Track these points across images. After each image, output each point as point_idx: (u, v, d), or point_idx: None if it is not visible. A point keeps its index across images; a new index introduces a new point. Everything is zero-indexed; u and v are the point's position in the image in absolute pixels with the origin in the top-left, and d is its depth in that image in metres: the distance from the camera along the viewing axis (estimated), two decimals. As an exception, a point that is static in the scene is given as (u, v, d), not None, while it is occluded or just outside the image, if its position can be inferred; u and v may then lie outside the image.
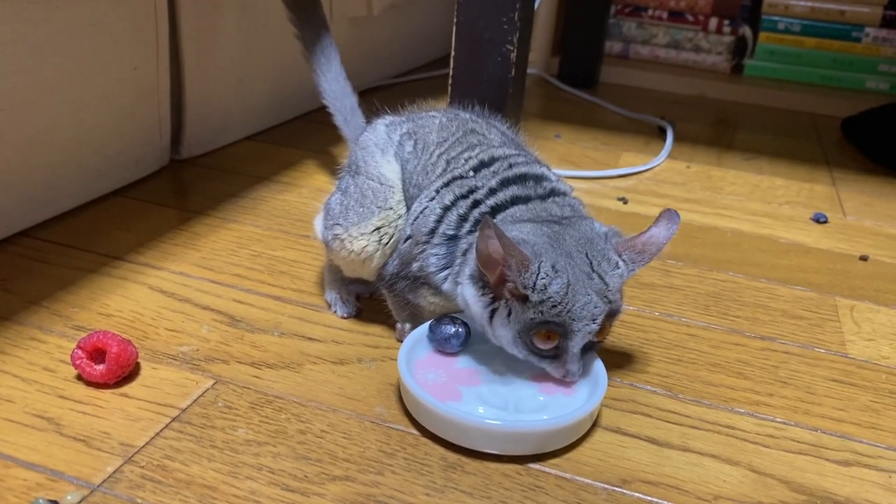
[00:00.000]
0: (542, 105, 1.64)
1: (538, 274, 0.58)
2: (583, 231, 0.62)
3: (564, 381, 0.63)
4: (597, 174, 1.22)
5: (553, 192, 0.68)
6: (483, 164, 0.69)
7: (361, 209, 0.71)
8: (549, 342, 0.60)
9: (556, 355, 0.61)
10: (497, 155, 0.70)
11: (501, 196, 0.66)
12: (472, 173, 0.68)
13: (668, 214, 0.63)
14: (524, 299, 0.59)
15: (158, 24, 1.01)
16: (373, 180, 0.72)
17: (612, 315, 0.61)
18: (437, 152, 0.71)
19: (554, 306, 0.58)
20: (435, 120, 0.75)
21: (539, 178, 0.68)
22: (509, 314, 0.60)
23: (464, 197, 0.67)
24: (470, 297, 0.63)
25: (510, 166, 0.69)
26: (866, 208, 1.17)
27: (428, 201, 0.68)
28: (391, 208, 0.71)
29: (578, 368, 0.61)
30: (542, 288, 0.58)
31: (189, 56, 1.08)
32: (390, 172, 0.72)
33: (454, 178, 0.68)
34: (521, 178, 0.68)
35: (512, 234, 0.61)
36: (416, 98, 1.51)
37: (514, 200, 0.66)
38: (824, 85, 1.83)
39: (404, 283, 0.70)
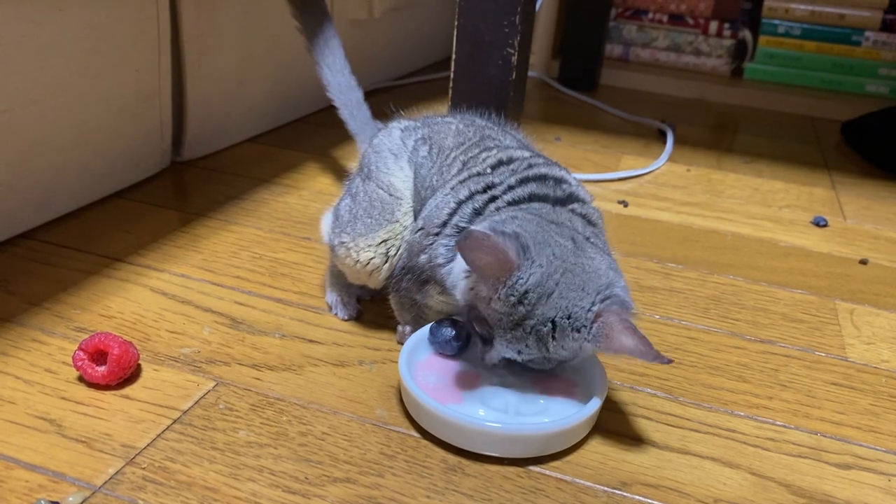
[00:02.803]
0: (542, 108, 1.64)
1: (513, 286, 0.57)
2: (588, 271, 0.59)
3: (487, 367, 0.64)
4: (597, 177, 1.22)
5: (572, 197, 0.67)
6: (501, 163, 0.68)
7: (369, 220, 0.71)
8: (482, 327, 0.61)
9: (486, 341, 0.62)
10: (515, 156, 0.69)
11: (519, 192, 0.65)
12: (489, 170, 0.68)
13: (660, 358, 0.57)
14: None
15: (160, 27, 1.01)
16: (382, 189, 0.72)
17: (549, 360, 0.60)
18: (453, 154, 0.71)
19: (500, 319, 0.58)
20: (451, 125, 0.75)
21: (559, 181, 0.67)
22: (472, 288, 0.61)
23: (480, 192, 0.66)
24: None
25: (529, 166, 0.68)
26: (866, 212, 1.18)
27: (443, 196, 0.67)
28: (397, 221, 0.71)
29: (496, 363, 0.62)
30: (506, 297, 0.57)
31: (190, 58, 1.08)
32: (400, 182, 0.72)
33: (471, 176, 0.68)
34: (541, 178, 0.67)
35: (532, 232, 0.60)
36: (417, 101, 1.52)
37: (532, 198, 0.65)
38: (824, 88, 1.83)
39: (410, 280, 0.70)
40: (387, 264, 0.71)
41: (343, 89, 0.97)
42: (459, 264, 0.63)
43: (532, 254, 0.58)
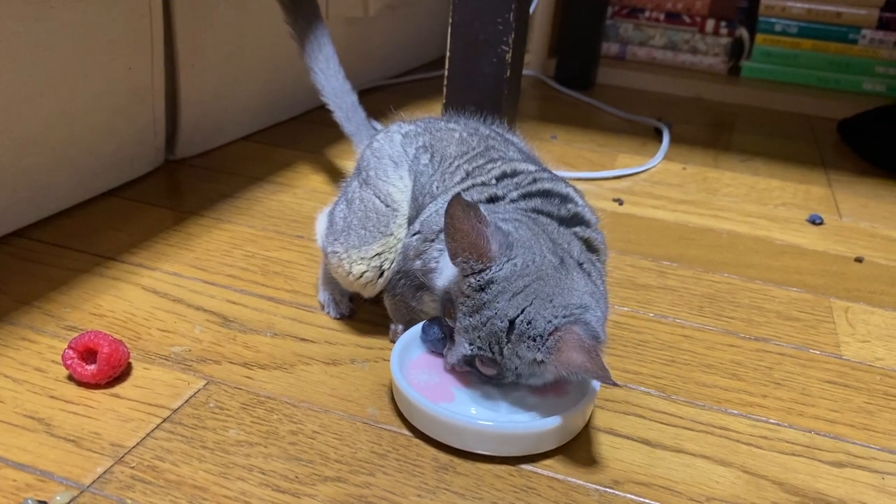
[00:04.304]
0: (538, 106, 1.64)
1: (481, 273, 0.57)
2: (564, 288, 0.58)
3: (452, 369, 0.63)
4: (593, 175, 1.21)
5: (576, 218, 0.66)
6: (505, 175, 0.68)
7: (363, 231, 0.70)
8: (449, 319, 0.61)
9: (451, 335, 0.62)
10: (520, 169, 0.69)
11: (523, 206, 0.65)
12: (493, 181, 0.68)
13: (608, 378, 0.54)
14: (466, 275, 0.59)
15: (153, 24, 1.00)
16: (379, 199, 0.71)
17: (496, 366, 0.59)
18: (456, 163, 0.71)
19: (463, 303, 0.58)
20: (454, 133, 0.75)
21: (564, 198, 0.67)
22: (449, 276, 0.61)
23: (484, 202, 0.66)
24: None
25: (534, 181, 0.68)
26: (862, 210, 1.17)
27: (444, 202, 0.66)
28: (392, 234, 0.70)
29: (455, 361, 0.61)
30: (474, 283, 0.58)
31: (183, 56, 1.08)
32: (398, 192, 0.71)
33: (475, 185, 0.68)
34: (545, 194, 0.66)
35: (524, 237, 0.60)
36: (412, 99, 1.51)
37: (536, 213, 0.65)
38: (821, 87, 1.83)
39: (405, 285, 0.69)
40: (381, 278, 0.70)
41: (338, 93, 0.96)
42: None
43: (513, 253, 0.58)
